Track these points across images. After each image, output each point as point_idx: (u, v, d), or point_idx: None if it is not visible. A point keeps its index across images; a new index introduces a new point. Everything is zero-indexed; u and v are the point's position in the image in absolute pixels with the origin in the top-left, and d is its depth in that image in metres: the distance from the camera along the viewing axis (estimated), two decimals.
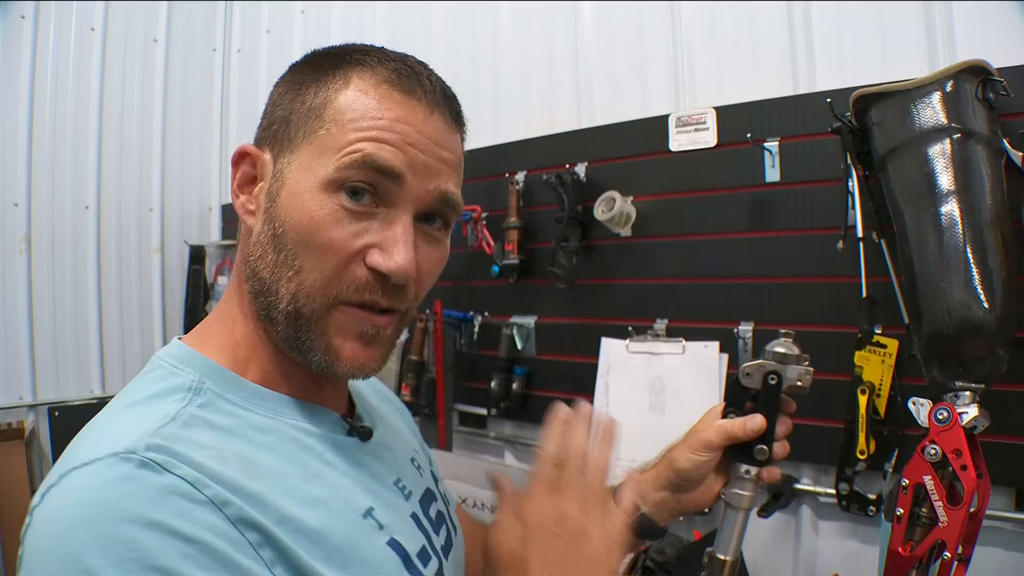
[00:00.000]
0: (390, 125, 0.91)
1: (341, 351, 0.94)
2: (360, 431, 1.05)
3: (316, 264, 0.91)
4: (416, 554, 0.99)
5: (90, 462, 0.76)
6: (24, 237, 3.42)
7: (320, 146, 0.92)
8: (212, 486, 0.77)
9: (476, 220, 2.77)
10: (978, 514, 1.33)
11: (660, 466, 1.34)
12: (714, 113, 2.21)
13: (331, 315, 0.93)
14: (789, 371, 1.24)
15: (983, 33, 1.82)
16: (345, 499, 0.93)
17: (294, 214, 0.91)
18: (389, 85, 0.93)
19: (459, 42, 3.11)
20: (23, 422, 3.31)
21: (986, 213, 1.47)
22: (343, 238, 0.90)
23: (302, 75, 0.98)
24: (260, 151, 0.99)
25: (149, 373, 0.94)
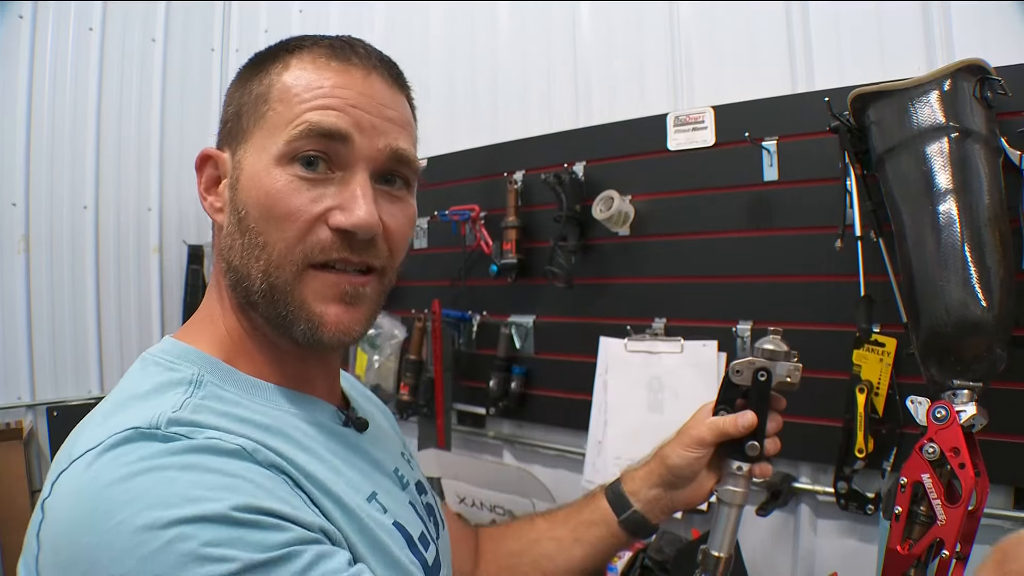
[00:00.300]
0: (330, 91, 0.95)
1: (324, 316, 0.96)
2: (356, 422, 1.07)
3: (279, 235, 0.93)
4: (417, 538, 1.01)
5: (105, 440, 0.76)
6: (22, 237, 3.41)
7: (270, 127, 0.95)
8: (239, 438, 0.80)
9: (474, 219, 2.77)
10: (976, 512, 1.33)
11: (652, 463, 1.35)
12: (712, 112, 2.22)
13: (304, 282, 0.95)
14: (778, 367, 1.26)
15: (981, 32, 1.82)
16: (349, 481, 0.94)
17: (253, 193, 0.94)
18: (326, 58, 0.97)
19: (457, 41, 3.11)
20: (21, 422, 3.31)
21: (984, 212, 1.47)
22: (301, 204, 0.93)
23: (248, 72, 1.02)
24: (220, 152, 1.02)
25: (145, 369, 0.94)
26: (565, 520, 1.41)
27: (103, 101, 3.71)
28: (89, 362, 3.63)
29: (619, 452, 2.34)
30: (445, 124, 3.09)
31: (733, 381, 1.29)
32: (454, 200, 2.83)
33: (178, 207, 4.07)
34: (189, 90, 4.13)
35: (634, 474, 1.38)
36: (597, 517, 1.37)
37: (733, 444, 1.28)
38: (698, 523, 2.24)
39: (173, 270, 4.02)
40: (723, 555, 1.27)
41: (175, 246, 4.02)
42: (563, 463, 2.68)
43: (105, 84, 3.73)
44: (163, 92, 4.00)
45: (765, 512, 2.00)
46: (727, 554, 1.27)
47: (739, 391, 1.30)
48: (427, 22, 3.20)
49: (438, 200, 2.88)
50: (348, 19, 3.60)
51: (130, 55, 3.85)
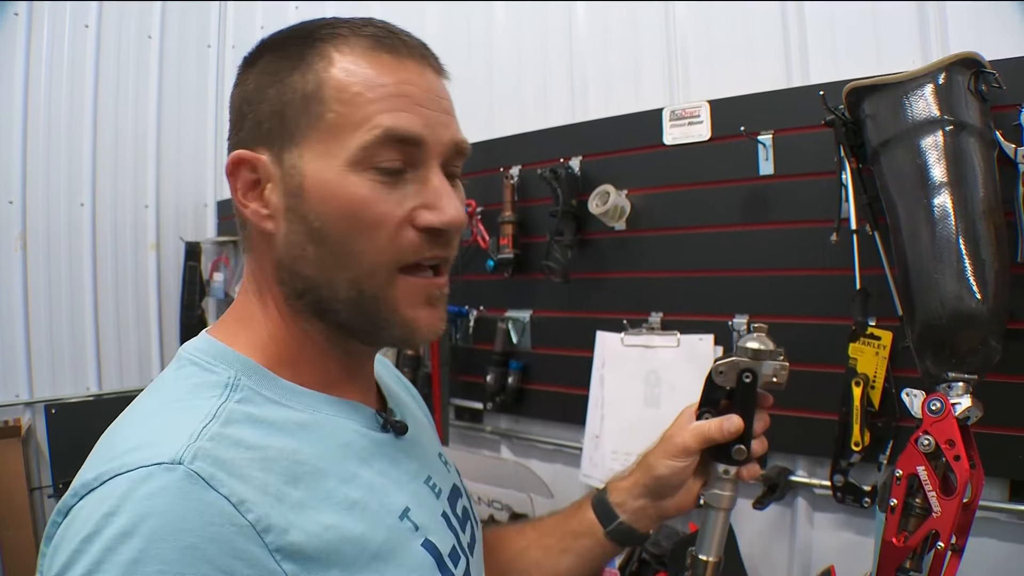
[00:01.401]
0: (396, 90, 0.92)
1: (418, 320, 0.96)
2: (395, 426, 1.05)
3: (370, 243, 0.91)
4: (448, 554, 1.00)
5: (134, 468, 0.75)
6: (19, 234, 3.42)
7: (332, 130, 0.91)
8: (255, 508, 0.77)
9: (471, 214, 2.76)
10: (971, 504, 1.34)
11: (637, 473, 1.33)
12: (708, 107, 2.21)
13: (395, 287, 0.94)
14: (764, 367, 1.22)
15: (976, 25, 1.82)
16: (382, 501, 0.93)
17: (332, 203, 0.90)
18: (374, 50, 0.93)
19: (454, 37, 3.10)
20: (20, 420, 3.32)
21: (979, 205, 1.47)
22: (388, 209, 0.91)
23: (276, 64, 0.95)
24: (256, 153, 0.95)
25: (181, 368, 0.93)
26: (553, 529, 1.40)
27: (99, 98, 3.72)
28: (87, 359, 3.64)
29: (616, 446, 2.34)
30: None
31: (716, 382, 1.25)
32: None
33: (175, 204, 4.08)
34: (185, 87, 4.14)
35: (619, 484, 1.35)
36: (584, 528, 1.35)
37: (719, 447, 1.25)
38: (696, 517, 2.24)
39: (170, 267, 4.02)
40: (712, 559, 1.25)
41: (172, 243, 4.03)
42: (560, 458, 2.69)
43: (101, 81, 3.73)
44: (159, 89, 4.00)
45: (762, 506, 2.00)
46: (716, 558, 1.25)
47: (723, 392, 1.25)
48: (423, 18, 3.20)
49: None
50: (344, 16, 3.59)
51: (126, 52, 3.86)
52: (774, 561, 2.15)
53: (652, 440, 1.36)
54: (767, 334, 1.24)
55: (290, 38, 0.97)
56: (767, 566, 2.16)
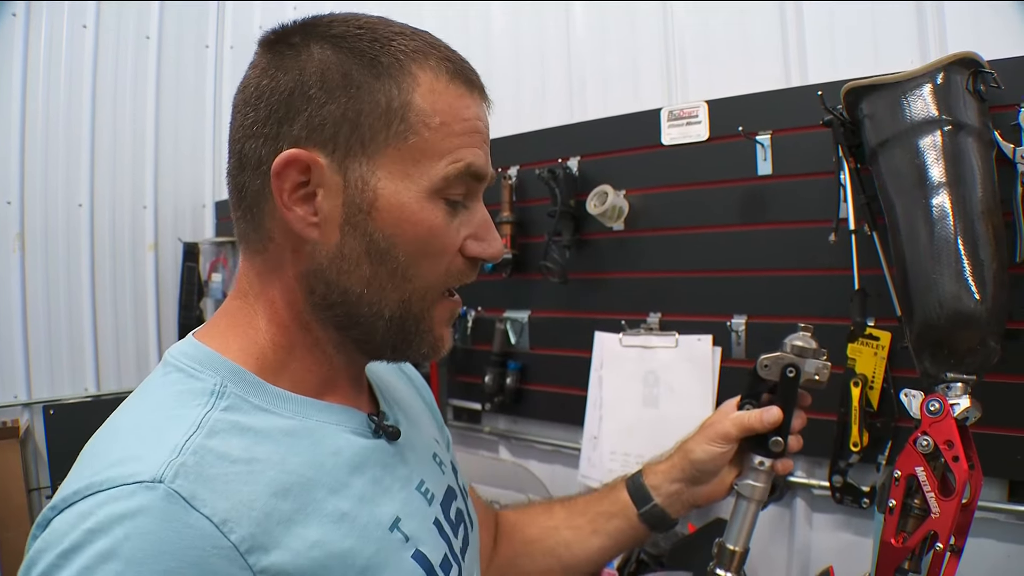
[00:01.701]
0: (473, 126, 0.94)
1: (444, 338, 1.01)
2: (387, 431, 1.03)
3: (431, 268, 0.94)
4: (439, 564, 0.99)
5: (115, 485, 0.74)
6: (17, 235, 3.42)
7: (415, 153, 0.90)
8: (238, 527, 0.75)
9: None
10: (970, 505, 1.34)
11: (675, 457, 1.36)
12: (706, 107, 2.21)
13: (437, 308, 0.97)
14: (807, 365, 1.27)
15: (974, 25, 1.82)
16: (372, 512, 0.92)
17: (407, 227, 0.90)
18: (453, 80, 0.94)
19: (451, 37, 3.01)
20: (18, 420, 3.32)
21: (977, 205, 1.47)
22: (453, 239, 0.94)
23: (342, 63, 0.90)
24: (312, 154, 0.88)
25: (167, 375, 0.91)
26: (584, 509, 1.42)
27: (97, 98, 3.72)
28: (85, 360, 3.64)
29: (614, 447, 2.34)
30: None
31: (760, 375, 1.29)
32: None
33: (174, 204, 4.07)
34: (184, 87, 4.13)
35: (656, 467, 1.38)
36: (617, 509, 1.37)
37: (756, 439, 1.29)
38: (694, 518, 2.24)
39: (169, 267, 4.02)
40: (739, 549, 1.29)
41: (171, 243, 4.02)
42: (559, 458, 2.69)
43: (99, 81, 3.73)
44: (158, 89, 4.00)
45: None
46: (743, 548, 1.29)
47: (766, 386, 1.30)
48: (421, 18, 3.18)
49: None
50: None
51: (124, 52, 3.85)
52: (773, 561, 2.15)
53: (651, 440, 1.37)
54: (812, 334, 1.29)
55: (360, 36, 0.92)
56: (766, 566, 2.16)
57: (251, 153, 0.92)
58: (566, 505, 1.46)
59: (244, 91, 0.95)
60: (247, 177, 0.93)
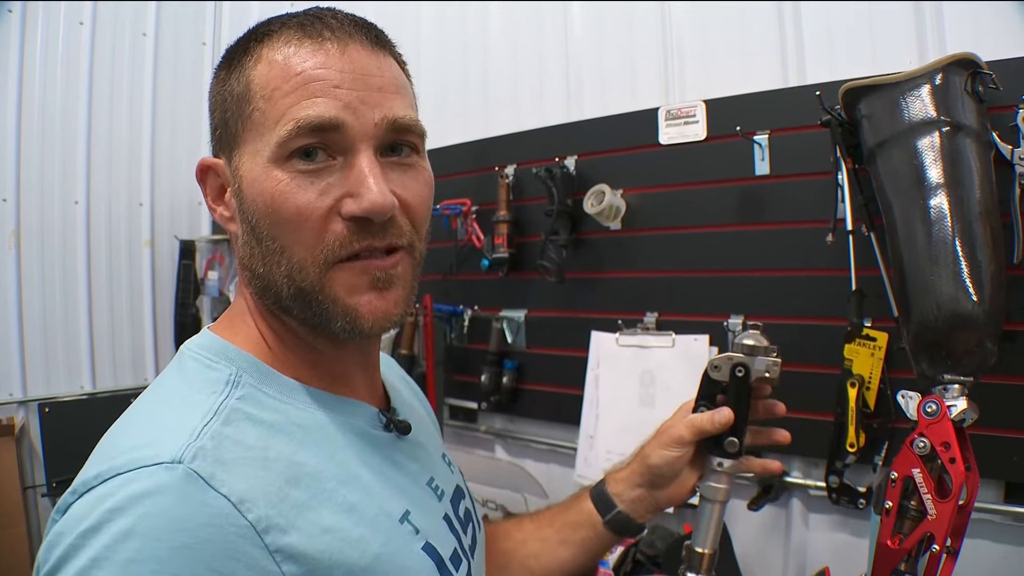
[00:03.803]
0: (308, 77, 0.89)
1: (359, 308, 0.92)
2: (398, 426, 1.04)
3: (294, 237, 0.90)
4: (449, 557, 0.99)
5: (136, 467, 0.75)
6: (13, 232, 3.41)
7: (258, 127, 0.91)
8: (255, 507, 0.77)
9: (465, 214, 2.77)
10: (967, 507, 1.34)
11: (634, 464, 1.36)
12: (703, 106, 2.21)
13: (332, 279, 0.91)
14: (756, 363, 1.27)
15: (973, 26, 1.82)
16: (381, 505, 0.92)
17: (258, 200, 0.90)
18: (297, 41, 0.91)
19: (449, 36, 3.10)
20: (13, 418, 3.31)
21: (975, 206, 1.47)
22: (309, 201, 0.89)
23: (223, 71, 0.98)
24: (218, 160, 0.99)
25: (183, 365, 0.93)
26: (551, 521, 1.41)
27: (94, 95, 3.70)
28: (81, 358, 3.63)
29: (611, 446, 2.34)
30: (436, 118, 3.08)
31: (712, 377, 1.30)
32: (445, 194, 2.82)
33: (170, 202, 4.06)
34: (180, 84, 4.12)
35: (617, 475, 1.38)
36: (582, 518, 1.37)
37: (713, 440, 1.29)
38: (690, 517, 2.24)
39: (165, 265, 4.01)
40: (707, 551, 1.29)
41: (167, 241, 4.01)
42: (555, 458, 2.68)
43: (96, 78, 3.71)
44: (154, 86, 3.98)
45: (757, 506, 1.99)
46: (711, 550, 1.29)
47: (718, 387, 1.30)
48: (418, 16, 3.19)
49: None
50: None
51: (121, 49, 3.84)
52: (769, 562, 2.15)
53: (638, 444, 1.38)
54: (762, 332, 1.30)
55: (236, 44, 0.98)
56: (762, 567, 2.16)
57: None
58: (534, 518, 1.46)
59: None
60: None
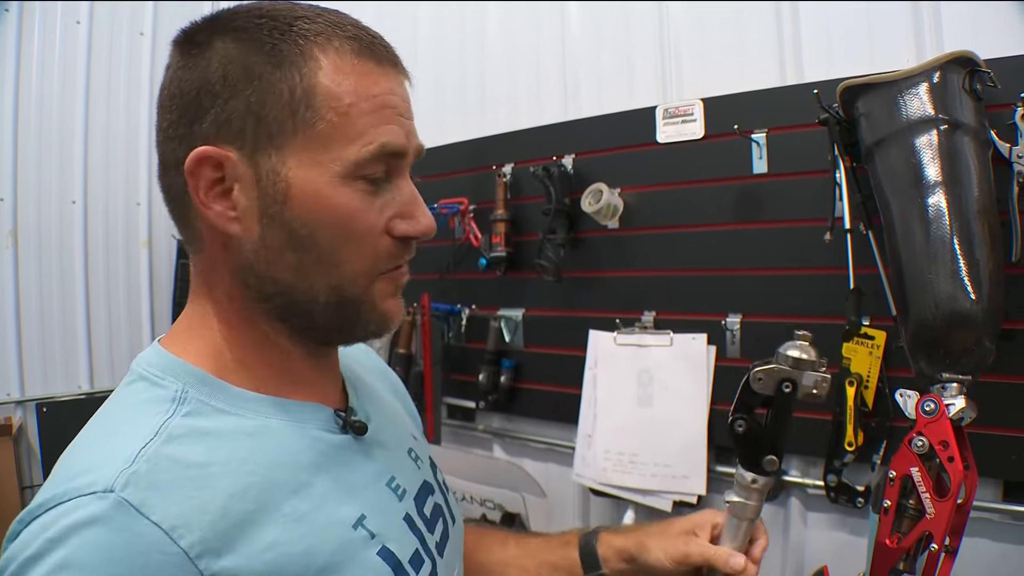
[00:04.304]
0: (384, 102, 0.92)
1: (390, 311, 0.99)
2: (354, 426, 1.02)
3: (356, 252, 0.92)
4: (409, 559, 0.98)
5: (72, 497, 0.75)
6: (10, 232, 3.39)
7: (323, 139, 0.89)
8: (188, 532, 0.76)
9: (463, 213, 2.76)
10: (965, 505, 1.34)
11: (631, 540, 1.33)
12: (701, 105, 2.21)
13: (373, 288, 0.95)
14: (805, 378, 1.18)
15: (970, 24, 1.82)
16: (333, 512, 0.91)
17: (324, 213, 0.89)
18: (359, 56, 0.92)
19: (446, 35, 3.09)
20: (10, 418, 3.29)
21: (973, 204, 1.47)
22: (374, 220, 0.92)
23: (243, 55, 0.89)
24: (222, 150, 0.89)
25: (132, 384, 0.92)
26: (535, 553, 1.40)
27: (91, 95, 3.69)
28: (78, 358, 3.61)
29: (608, 446, 2.33)
30: (434, 117, 3.08)
31: (754, 388, 1.20)
32: (443, 193, 2.82)
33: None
34: None
35: (611, 540, 1.35)
36: (565, 564, 1.35)
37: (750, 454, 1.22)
38: None
39: (162, 265, 3.99)
40: None
41: (164, 240, 4.00)
42: (553, 457, 2.68)
43: (93, 78, 3.70)
44: (151, 86, 3.96)
45: None
46: None
47: (758, 399, 1.21)
48: (416, 16, 3.18)
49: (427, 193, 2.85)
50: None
51: (118, 49, 3.82)
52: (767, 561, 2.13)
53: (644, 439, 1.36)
54: (811, 343, 1.20)
55: (260, 26, 0.90)
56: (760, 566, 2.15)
57: (170, 155, 0.93)
58: (520, 543, 1.45)
59: (161, 94, 0.96)
60: (171, 179, 0.95)
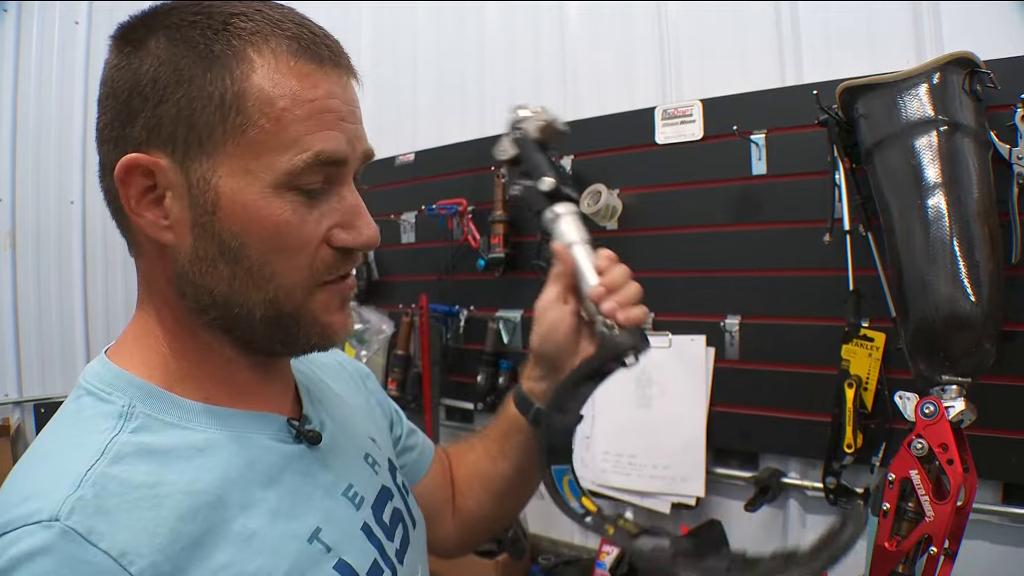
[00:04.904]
0: (322, 106, 0.86)
1: (334, 325, 0.94)
2: (307, 436, 0.99)
3: (290, 264, 0.87)
4: (367, 572, 0.97)
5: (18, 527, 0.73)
6: (8, 233, 3.39)
7: (254, 146, 0.84)
8: (138, 558, 0.74)
9: (462, 213, 2.75)
10: (965, 508, 1.33)
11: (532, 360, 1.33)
12: (700, 106, 2.20)
13: (314, 300, 0.91)
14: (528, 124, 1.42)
15: (970, 25, 1.82)
16: (287, 527, 0.89)
17: (253, 225, 0.85)
18: (298, 57, 0.86)
19: (445, 36, 3.10)
20: (8, 419, 3.30)
21: (973, 206, 1.47)
22: (310, 231, 0.87)
23: (175, 55, 0.84)
24: (153, 158, 0.84)
25: (79, 400, 0.89)
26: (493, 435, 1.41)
27: (90, 94, 3.67)
28: (77, 358, 3.60)
29: (607, 447, 2.33)
30: (433, 118, 3.08)
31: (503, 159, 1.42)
32: (441, 194, 2.82)
33: None
34: None
35: (526, 374, 1.36)
36: (511, 425, 1.35)
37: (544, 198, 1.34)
38: (687, 519, 2.24)
39: None
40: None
41: None
42: None
43: (91, 78, 3.68)
44: None
45: (754, 508, 1.99)
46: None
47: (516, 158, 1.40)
48: (415, 16, 3.19)
49: (425, 194, 2.86)
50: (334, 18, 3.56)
51: None
52: None
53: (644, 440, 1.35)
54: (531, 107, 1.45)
55: (194, 24, 0.85)
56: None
57: (105, 158, 0.89)
58: (481, 435, 1.46)
59: (99, 91, 0.91)
60: (108, 182, 0.89)
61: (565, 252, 1.25)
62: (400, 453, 1.35)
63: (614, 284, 1.26)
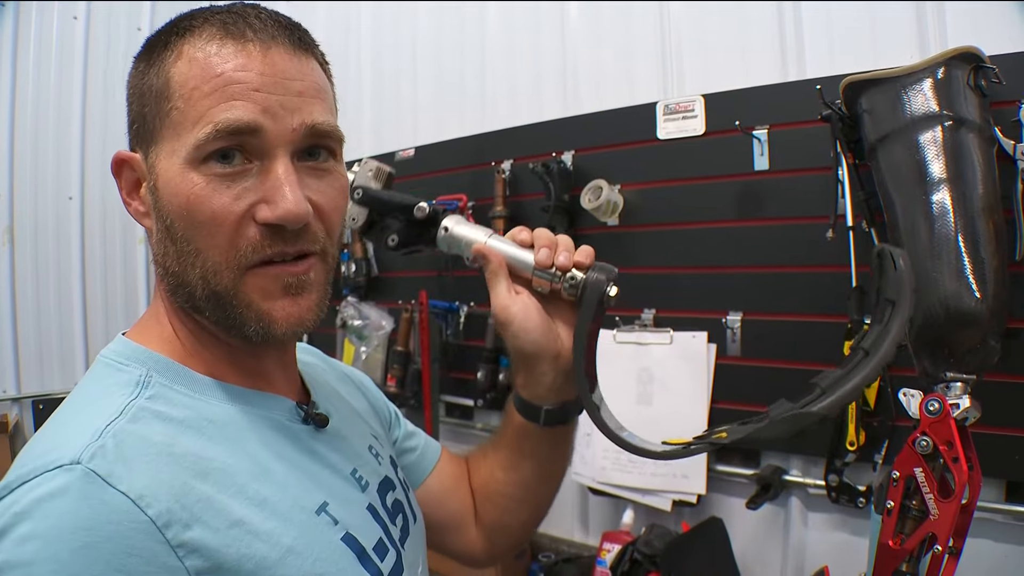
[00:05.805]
0: (229, 79, 0.88)
1: (273, 312, 0.92)
2: (315, 418, 1.03)
3: (209, 241, 0.89)
4: (373, 547, 0.99)
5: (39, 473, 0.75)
6: (7, 229, 3.39)
7: (176, 127, 0.89)
8: (155, 502, 0.76)
9: (462, 209, 2.74)
10: (969, 506, 1.32)
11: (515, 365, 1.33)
12: (702, 101, 2.20)
13: (246, 283, 0.91)
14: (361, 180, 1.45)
15: (974, 20, 1.81)
16: (296, 498, 0.91)
17: (174, 201, 0.89)
18: (219, 40, 0.90)
19: (445, 31, 3.09)
20: (7, 415, 3.29)
21: (978, 202, 1.46)
22: (224, 205, 0.88)
23: (142, 63, 0.95)
24: (133, 153, 0.96)
25: (95, 371, 0.94)
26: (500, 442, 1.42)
27: (88, 90, 3.68)
28: (75, 355, 3.61)
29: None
30: (433, 113, 3.08)
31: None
32: (442, 189, 2.81)
33: None
34: None
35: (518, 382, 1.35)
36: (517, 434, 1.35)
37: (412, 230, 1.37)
38: (688, 517, 2.23)
39: None
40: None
41: None
42: None
43: (90, 73, 3.69)
44: None
45: (755, 505, 1.99)
46: None
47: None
48: (415, 12, 3.19)
49: (426, 189, 2.85)
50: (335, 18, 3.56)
51: (115, 44, 3.81)
52: (768, 561, 2.14)
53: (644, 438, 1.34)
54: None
55: (157, 36, 0.96)
56: (760, 566, 2.14)
57: None
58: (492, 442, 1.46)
59: None
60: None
61: (487, 248, 1.23)
62: (399, 454, 1.37)
63: (549, 242, 1.24)
